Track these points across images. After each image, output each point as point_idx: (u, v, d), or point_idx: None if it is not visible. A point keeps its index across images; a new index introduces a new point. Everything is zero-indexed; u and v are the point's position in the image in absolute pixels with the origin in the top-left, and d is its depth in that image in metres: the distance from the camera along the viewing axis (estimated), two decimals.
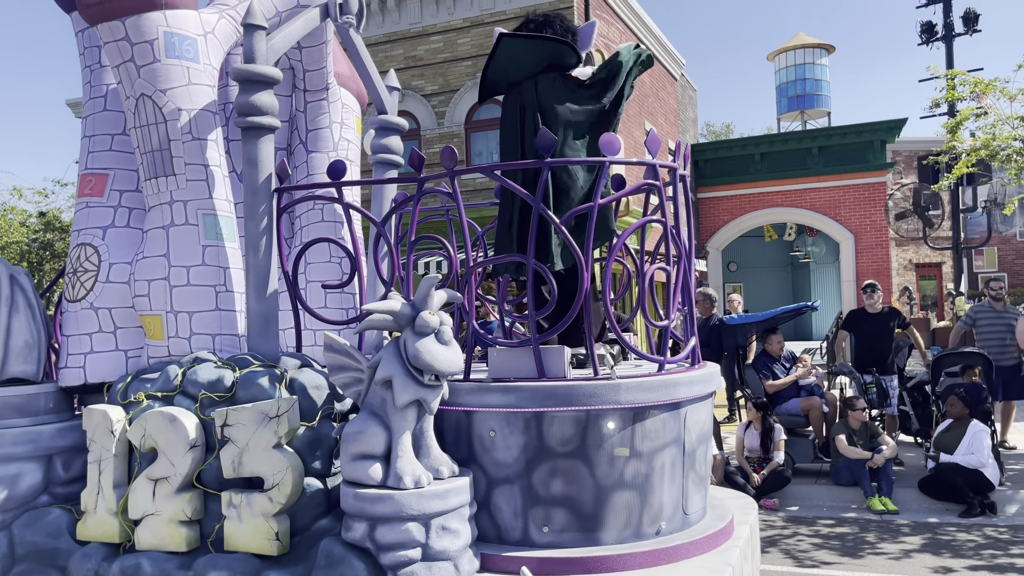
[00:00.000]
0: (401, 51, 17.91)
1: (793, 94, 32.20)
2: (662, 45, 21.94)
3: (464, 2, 17.35)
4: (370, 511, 3.64)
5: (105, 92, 5.17)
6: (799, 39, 32.58)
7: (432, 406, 3.85)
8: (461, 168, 4.24)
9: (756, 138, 24.64)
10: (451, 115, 17.50)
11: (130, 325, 4.83)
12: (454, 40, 17.51)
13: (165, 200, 4.76)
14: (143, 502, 4.04)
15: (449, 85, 17.54)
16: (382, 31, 17.97)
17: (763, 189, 23.48)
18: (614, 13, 18.54)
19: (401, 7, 17.92)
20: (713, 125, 51.39)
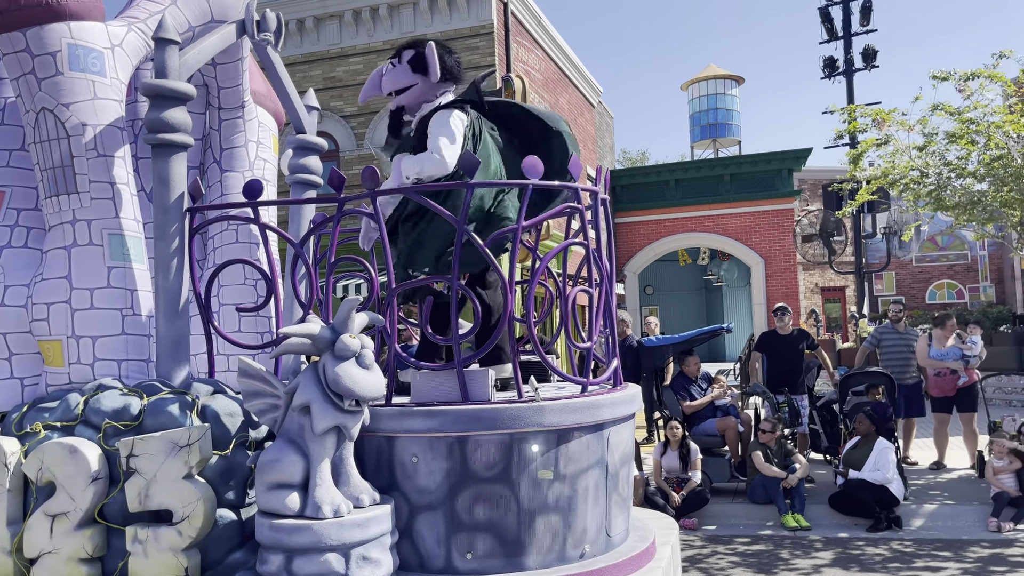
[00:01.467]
0: (320, 71, 17.70)
1: (706, 123, 33.33)
2: (580, 72, 22.38)
3: (384, 24, 17.30)
4: (287, 542, 3.51)
5: (3, 105, 4.90)
6: (711, 70, 33.79)
7: (352, 432, 3.75)
8: (382, 189, 4.18)
9: (671, 165, 25.36)
10: (371, 136, 17.36)
11: (27, 351, 4.55)
12: (374, 61, 17.39)
13: (67, 219, 4.52)
14: (40, 539, 3.78)
15: (369, 107, 17.39)
16: (300, 51, 17.73)
17: (678, 215, 24.13)
18: (533, 40, 18.82)
19: (320, 28, 17.74)
20: (629, 152, 52.64)
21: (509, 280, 4.10)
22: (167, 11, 4.91)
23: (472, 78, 5.06)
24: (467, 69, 17.78)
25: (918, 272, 31.06)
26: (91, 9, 4.57)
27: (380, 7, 17.07)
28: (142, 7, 4.99)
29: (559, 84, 20.72)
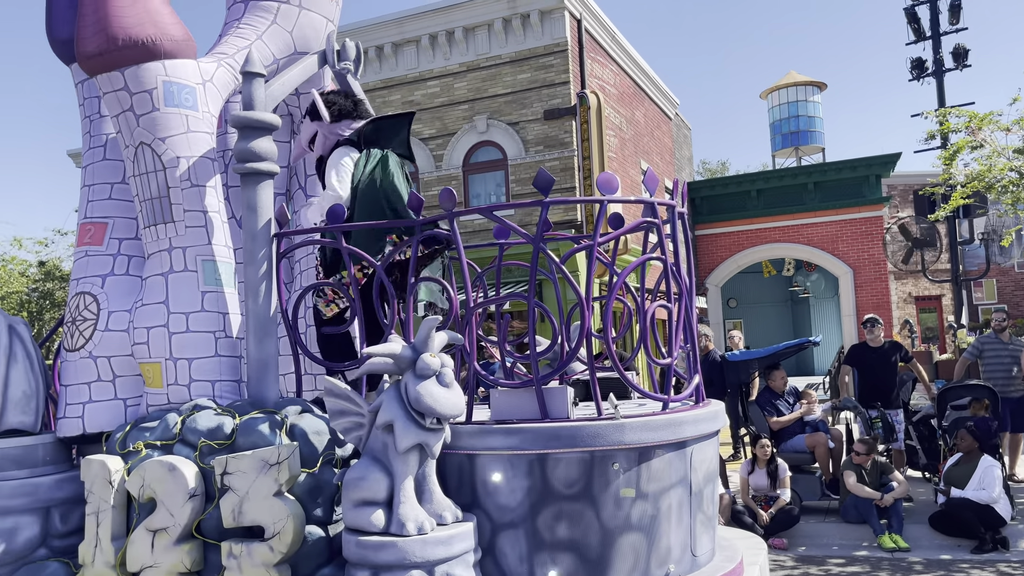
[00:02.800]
0: (398, 96, 18.13)
1: (787, 131, 32.57)
2: (656, 85, 22.24)
3: (460, 47, 17.61)
4: (373, 559, 3.57)
5: (104, 141, 5.20)
6: (791, 77, 33.05)
7: (434, 450, 3.80)
8: (460, 209, 4.25)
9: (752, 175, 24.86)
10: (449, 158, 17.65)
11: (129, 373, 4.79)
12: (451, 84, 17.73)
13: (164, 247, 4.76)
14: (142, 554, 3.96)
15: (446, 128, 17.72)
16: (379, 77, 18.21)
17: (760, 225, 23.59)
18: (607, 55, 18.82)
19: (398, 53, 18.18)
20: (709, 163, 51.85)
21: (586, 295, 4.09)
22: (253, 45, 5.13)
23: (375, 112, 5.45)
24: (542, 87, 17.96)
25: (1021, 279, 29.45)
26: (184, 47, 4.81)
27: (456, 31, 17.39)
28: (230, 43, 5.23)
29: (634, 98, 20.64)
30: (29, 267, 22.27)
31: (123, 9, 4.59)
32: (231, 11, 5.47)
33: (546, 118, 16.75)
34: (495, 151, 17.42)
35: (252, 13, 5.32)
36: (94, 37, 4.58)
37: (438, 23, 17.53)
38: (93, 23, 4.59)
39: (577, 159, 16.52)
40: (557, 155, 16.61)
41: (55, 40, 5.26)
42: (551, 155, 16.67)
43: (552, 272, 5.76)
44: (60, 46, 5.24)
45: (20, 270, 22.16)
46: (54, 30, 5.23)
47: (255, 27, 5.27)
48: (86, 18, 4.63)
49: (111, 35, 4.55)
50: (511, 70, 17.16)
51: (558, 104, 16.70)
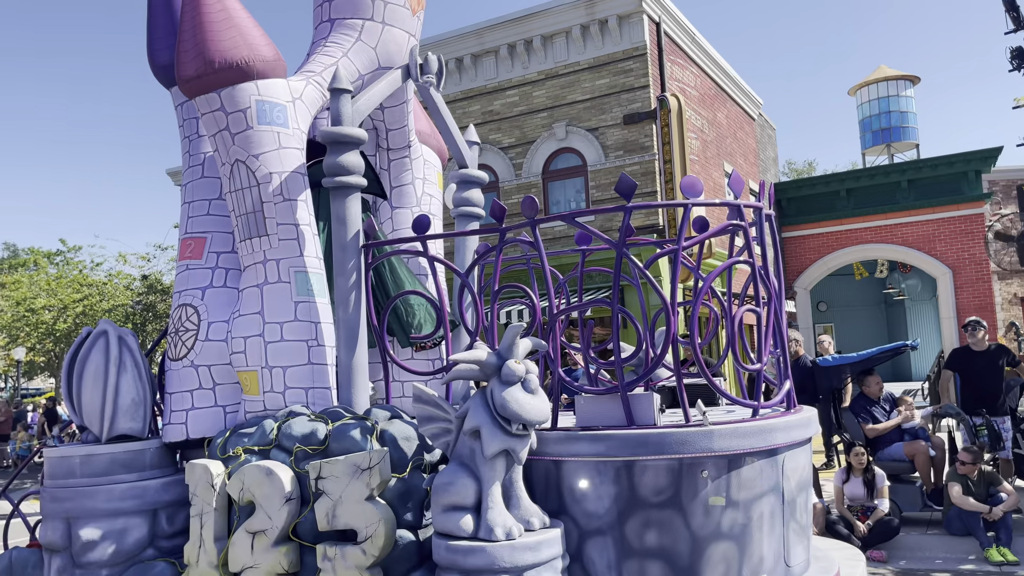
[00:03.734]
0: (478, 107, 18.33)
1: (878, 128, 31.37)
2: (738, 85, 21.81)
3: (538, 56, 17.69)
4: (462, 563, 3.62)
5: (202, 160, 5.44)
6: (881, 71, 31.84)
7: (521, 456, 3.82)
8: (542, 217, 4.27)
9: (841, 174, 24.03)
10: (528, 166, 17.73)
11: (228, 381, 5.00)
12: (529, 93, 17.82)
13: (259, 259, 4.94)
14: (242, 555, 4.12)
15: (526, 137, 17.81)
16: (459, 88, 18.46)
17: (851, 226, 22.78)
18: (687, 57, 18.57)
19: (477, 64, 18.39)
20: (795, 163, 50.43)
21: (671, 300, 4.05)
22: (340, 62, 5.29)
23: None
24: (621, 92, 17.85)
25: None
26: (275, 67, 5.00)
27: (534, 39, 17.49)
28: (317, 61, 5.41)
29: (716, 99, 20.29)
30: (133, 281, 23.46)
31: (218, 33, 4.81)
32: (318, 30, 5.66)
33: (626, 123, 16.64)
34: (574, 158, 17.40)
35: (338, 31, 5.49)
36: (192, 61, 4.81)
37: (516, 33, 17.65)
38: (191, 48, 4.83)
39: (658, 163, 16.34)
40: (637, 160, 16.48)
41: (156, 65, 5.54)
42: (631, 160, 16.55)
43: (635, 277, 5.74)
44: (160, 71, 5.53)
45: (125, 284, 23.37)
46: (155, 56, 5.52)
47: (341, 45, 5.44)
48: (184, 43, 4.87)
49: (208, 58, 4.77)
50: (590, 76, 17.13)
51: (638, 108, 16.57)
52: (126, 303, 21.79)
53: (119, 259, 24.11)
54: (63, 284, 24.55)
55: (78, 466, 4.66)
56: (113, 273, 24.14)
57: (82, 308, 22.05)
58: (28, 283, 26.53)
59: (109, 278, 23.98)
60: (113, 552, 4.50)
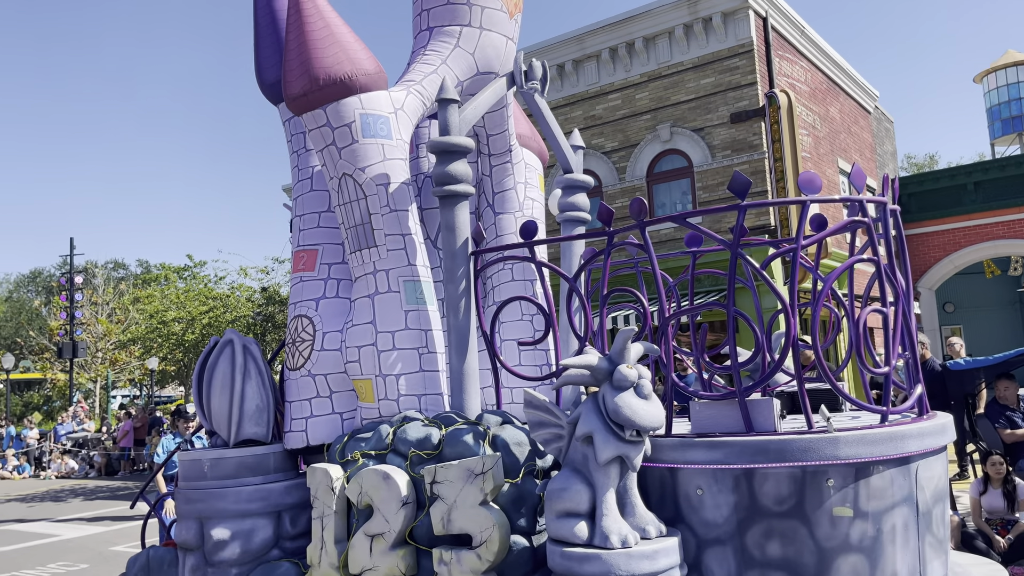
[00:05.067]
0: (580, 112, 18.29)
1: (1007, 116, 29.35)
2: (852, 78, 20.90)
3: (640, 58, 17.50)
4: (578, 571, 3.58)
5: (311, 174, 5.61)
6: (1010, 56, 29.81)
7: (635, 462, 3.75)
8: (651, 219, 4.19)
9: (968, 166, 22.62)
10: (632, 169, 17.55)
11: (344, 389, 5.13)
12: (632, 96, 17.65)
13: (369, 270, 5.05)
14: (361, 557, 4.21)
15: (629, 140, 17.64)
16: (561, 95, 18.47)
17: (980, 221, 21.39)
18: (797, 52, 17.95)
19: (579, 70, 18.37)
20: (915, 157, 47.94)
21: (791, 302, 3.89)
22: (439, 70, 5.35)
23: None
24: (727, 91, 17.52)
25: None
26: (377, 80, 5.10)
27: (636, 41, 17.31)
28: (417, 70, 5.49)
29: (828, 94, 19.52)
30: (253, 293, 24.61)
31: (322, 50, 4.96)
32: (417, 39, 5.76)
33: (733, 121, 16.23)
34: (680, 159, 17.10)
35: (436, 39, 5.55)
36: (298, 79, 4.97)
37: (618, 36, 17.53)
38: (297, 66, 4.99)
39: (768, 161, 15.85)
40: (746, 159, 16.03)
41: (264, 84, 5.76)
42: (740, 159, 16.12)
43: (749, 279, 5.55)
44: (269, 89, 5.74)
45: (246, 296, 24.55)
46: (263, 75, 5.74)
47: (439, 52, 5.50)
48: (291, 62, 5.04)
49: (313, 76, 4.92)
50: (694, 76, 16.80)
51: (745, 106, 16.13)
52: (247, 314, 22.87)
53: (240, 272, 25.37)
54: (191, 297, 26.03)
55: (208, 469, 4.89)
56: (235, 286, 25.42)
57: (208, 320, 23.30)
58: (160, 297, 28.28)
59: (232, 291, 25.27)
60: (241, 552, 4.69)
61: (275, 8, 5.68)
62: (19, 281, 58.86)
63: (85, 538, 12.00)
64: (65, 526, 13.31)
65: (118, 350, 35.17)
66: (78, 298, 31.57)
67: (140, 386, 42.19)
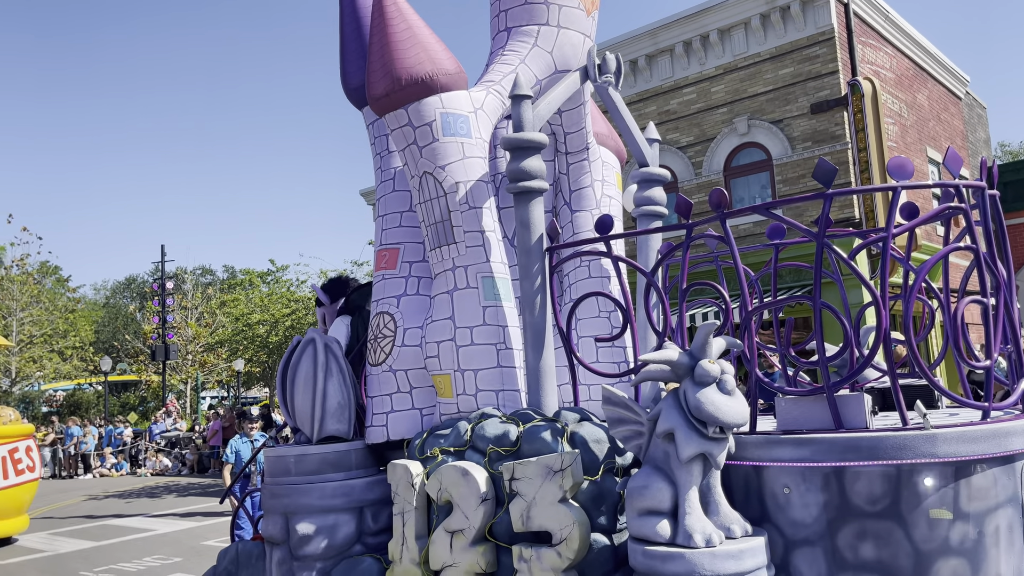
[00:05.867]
0: (654, 107, 18.06)
1: None
2: (940, 63, 20.01)
3: (716, 51, 17.16)
4: (660, 569, 3.50)
5: (393, 175, 5.70)
6: None
7: (719, 460, 3.65)
8: (732, 210, 4.08)
9: None
10: (708, 164, 17.22)
11: (423, 385, 5.18)
12: (707, 89, 17.33)
13: (448, 267, 5.09)
14: (442, 553, 4.23)
15: (705, 135, 17.32)
16: (634, 91, 18.28)
17: None
18: (881, 38, 17.29)
19: (652, 65, 18.14)
20: (1009, 144, 45.58)
21: (882, 294, 3.73)
22: (518, 69, 5.36)
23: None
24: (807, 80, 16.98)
25: None
26: (457, 79, 5.14)
27: (710, 34, 16.99)
28: (496, 70, 5.51)
29: (915, 80, 18.74)
30: None
31: (404, 52, 5.02)
32: (495, 40, 5.77)
33: (813, 112, 15.74)
34: (758, 152, 16.69)
35: (514, 39, 5.56)
36: (381, 81, 5.05)
37: (692, 29, 17.24)
38: (379, 68, 5.07)
39: (851, 152, 15.32)
40: (828, 149, 15.53)
41: (349, 88, 5.88)
42: (821, 150, 15.62)
43: (836, 272, 5.36)
44: (353, 93, 5.86)
45: None
46: (348, 79, 5.86)
47: (518, 52, 5.51)
48: (373, 64, 5.13)
49: (395, 76, 4.99)
50: (772, 66, 16.38)
51: (826, 96, 15.63)
52: None
53: (320, 276, 26.02)
54: (274, 300, 26.83)
55: (293, 465, 5.00)
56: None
57: (290, 322, 23.97)
58: (245, 301, 29.25)
59: (312, 293, 25.94)
60: (325, 546, 4.78)
61: (359, 14, 5.79)
62: (115, 288, 61.82)
63: (178, 532, 12.49)
64: (160, 521, 13.89)
65: (206, 352, 36.58)
66: (169, 303, 32.95)
67: (227, 387, 43.74)
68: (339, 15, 5.96)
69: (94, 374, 38.47)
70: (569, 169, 6.16)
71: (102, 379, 34.91)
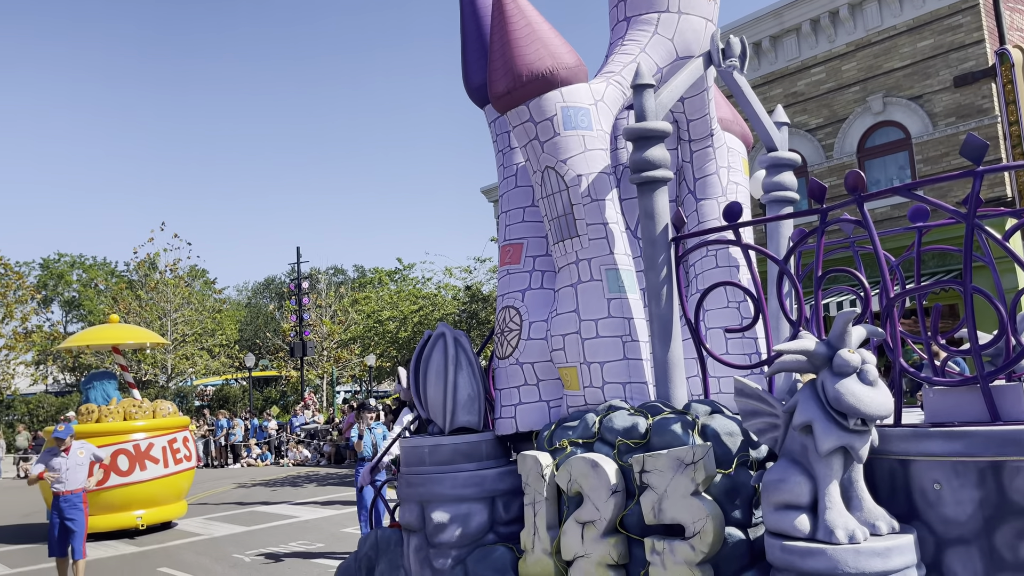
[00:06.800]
0: (780, 90, 17.40)
1: None
2: None
3: (846, 27, 16.34)
4: (800, 566, 3.40)
5: (515, 171, 5.77)
6: None
7: (860, 453, 3.50)
8: (869, 193, 3.89)
9: None
10: (840, 146, 16.43)
11: (550, 377, 5.23)
12: (838, 67, 16.52)
13: (572, 260, 5.11)
14: (573, 544, 4.27)
15: (835, 115, 16.53)
16: (758, 74, 17.67)
17: None
18: None
19: (776, 46, 17.48)
20: None
21: None
22: (638, 58, 5.30)
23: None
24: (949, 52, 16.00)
25: None
26: (576, 72, 5.15)
27: (840, 9, 16.19)
28: (616, 60, 5.47)
29: None
30: (458, 292, 25.76)
31: (524, 48, 5.08)
32: (615, 31, 5.73)
33: (957, 85, 14.72)
34: (895, 131, 15.78)
35: (634, 28, 5.51)
36: (502, 78, 5.13)
37: (820, 5, 16.47)
38: (500, 66, 5.15)
39: (1001, 126, 14.22)
40: (974, 124, 14.49)
41: (471, 88, 6.00)
42: (967, 126, 14.59)
43: (987, 254, 5.01)
44: (475, 92, 5.98)
45: (452, 294, 25.76)
46: (470, 79, 5.98)
47: (638, 41, 5.45)
48: (494, 62, 5.21)
49: (516, 73, 5.05)
50: (908, 39, 15.43)
51: (971, 68, 14.58)
52: (453, 312, 23.97)
53: (445, 273, 26.65)
54: (402, 297, 27.71)
55: (427, 455, 5.17)
56: (441, 285, 26.76)
57: (418, 318, 24.68)
58: (375, 298, 30.36)
59: (438, 290, 26.62)
60: (460, 535, 4.92)
61: (479, 14, 5.91)
62: (256, 288, 65.56)
63: (320, 520, 13.14)
64: (303, 508, 14.65)
65: (340, 348, 38.21)
66: (305, 302, 34.63)
67: (360, 381, 45.53)
68: (460, 15, 6.09)
69: (239, 370, 40.98)
70: (693, 157, 6.04)
71: (246, 375, 37.12)
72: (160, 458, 12.76)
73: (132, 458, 12.41)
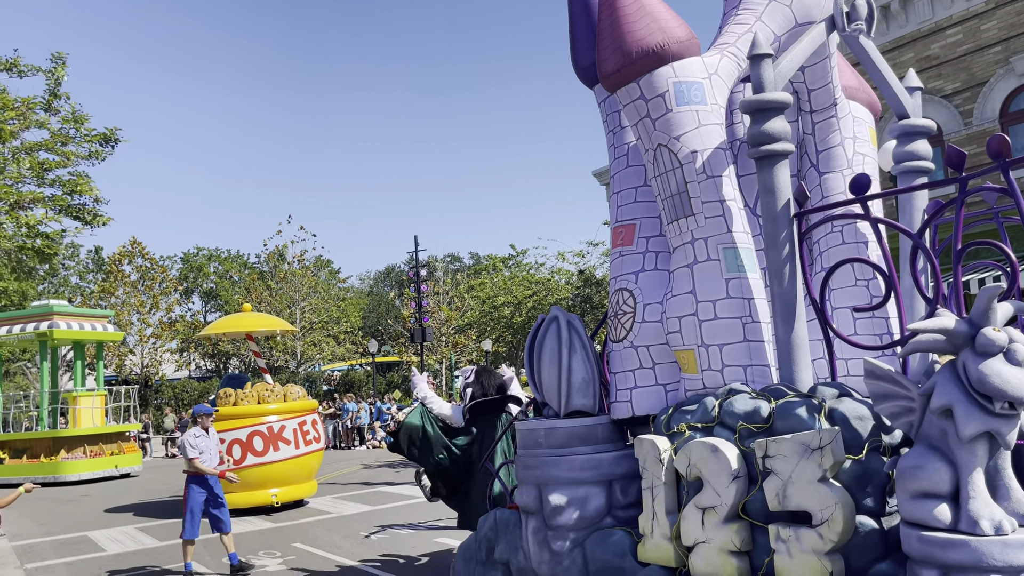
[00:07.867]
0: (911, 54, 16.34)
1: None
2: None
3: None
4: (941, 557, 3.20)
5: (626, 151, 5.66)
6: None
7: (1008, 439, 3.25)
8: (1015, 159, 3.58)
9: None
10: (980, 111, 15.28)
11: (666, 360, 5.13)
12: (976, 27, 15.35)
13: (687, 240, 4.98)
14: (693, 530, 4.18)
15: (974, 79, 15.37)
16: (887, 39, 16.65)
17: None
18: None
19: (907, 8, 16.41)
20: None
21: None
22: (754, 28, 5.09)
23: None
24: None
25: None
26: (689, 46, 4.99)
27: None
28: (730, 31, 5.27)
29: None
30: (571, 276, 25.73)
31: (633, 24, 4.97)
32: (728, 1, 5.52)
33: None
34: None
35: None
36: (611, 56, 5.03)
37: None
38: (609, 44, 5.06)
39: None
40: None
41: (579, 68, 5.93)
42: None
43: None
44: (583, 72, 5.90)
45: (565, 279, 25.75)
46: (578, 59, 5.91)
47: (753, 10, 5.24)
48: (603, 40, 5.12)
49: (625, 50, 4.95)
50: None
51: None
52: (567, 296, 23.96)
53: (558, 257, 26.68)
54: (516, 283, 27.94)
55: (543, 438, 5.18)
56: (554, 270, 26.79)
57: (532, 303, 24.83)
58: (490, 284, 30.76)
59: (551, 275, 26.66)
60: (577, 518, 4.91)
61: None
62: (377, 277, 67.74)
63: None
64: None
65: (458, 334, 38.98)
66: (423, 289, 35.50)
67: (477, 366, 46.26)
68: None
69: (363, 355, 42.52)
70: (815, 129, 5.76)
71: (370, 360, 38.45)
72: (292, 439, 13.39)
73: (266, 439, 13.08)
